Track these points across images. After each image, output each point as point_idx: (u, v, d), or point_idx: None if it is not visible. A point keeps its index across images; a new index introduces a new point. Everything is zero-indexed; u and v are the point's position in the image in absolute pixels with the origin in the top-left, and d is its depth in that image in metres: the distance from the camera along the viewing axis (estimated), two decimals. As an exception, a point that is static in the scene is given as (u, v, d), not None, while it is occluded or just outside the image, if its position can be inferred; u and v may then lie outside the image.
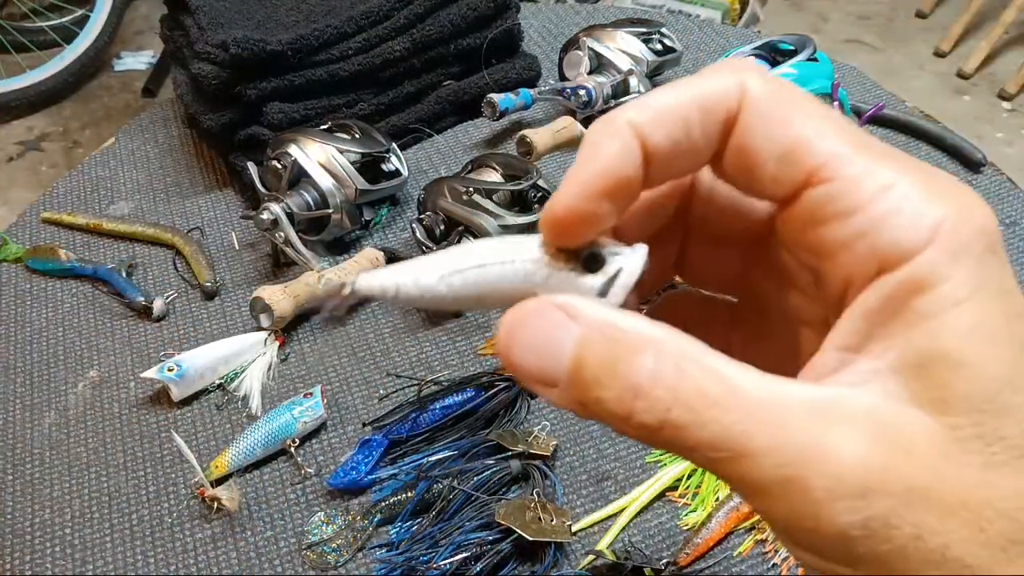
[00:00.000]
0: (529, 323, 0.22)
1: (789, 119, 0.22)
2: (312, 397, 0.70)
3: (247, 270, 0.86)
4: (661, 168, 0.23)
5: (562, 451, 0.68)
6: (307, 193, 0.82)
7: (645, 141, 0.22)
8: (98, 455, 0.71)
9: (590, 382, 0.20)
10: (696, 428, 0.19)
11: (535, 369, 0.21)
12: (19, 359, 0.80)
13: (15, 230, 0.93)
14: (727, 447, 0.19)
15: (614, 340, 0.20)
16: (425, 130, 0.98)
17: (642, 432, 0.20)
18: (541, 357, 0.21)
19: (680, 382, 0.20)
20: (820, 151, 0.21)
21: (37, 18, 2.56)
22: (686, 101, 0.22)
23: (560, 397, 0.21)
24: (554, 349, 0.21)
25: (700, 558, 0.61)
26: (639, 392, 0.20)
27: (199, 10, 0.94)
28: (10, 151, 2.33)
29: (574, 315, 0.21)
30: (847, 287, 0.21)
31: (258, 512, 0.66)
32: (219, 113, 0.91)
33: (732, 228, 0.26)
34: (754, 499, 0.20)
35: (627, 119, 0.22)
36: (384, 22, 0.93)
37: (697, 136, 0.22)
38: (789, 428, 0.19)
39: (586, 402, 0.21)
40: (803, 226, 0.22)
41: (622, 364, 0.20)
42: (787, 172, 0.21)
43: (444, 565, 0.59)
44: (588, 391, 0.21)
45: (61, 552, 0.65)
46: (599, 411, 0.21)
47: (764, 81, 0.22)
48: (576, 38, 0.99)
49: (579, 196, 0.22)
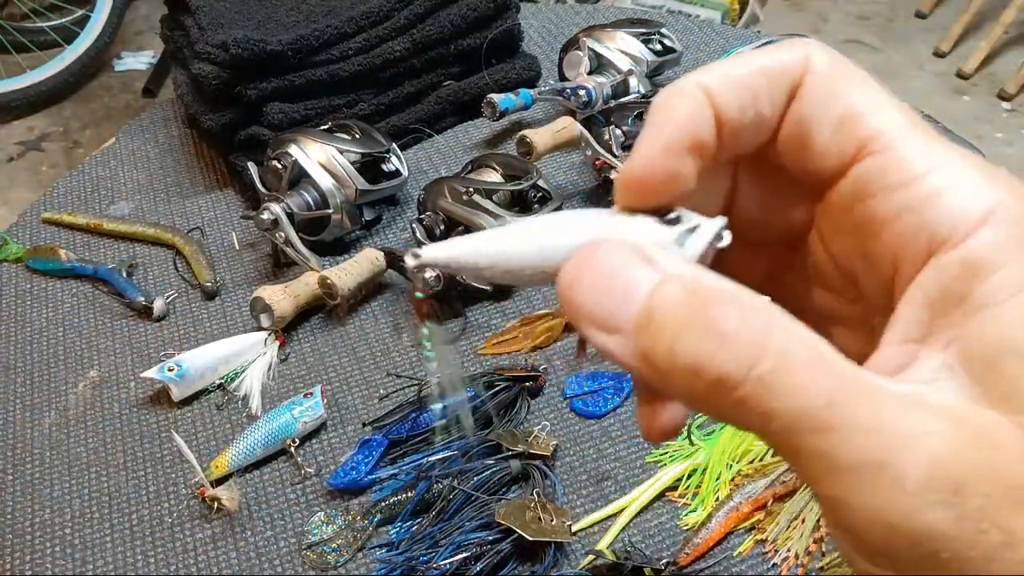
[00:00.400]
0: (599, 262, 0.20)
1: (847, 91, 0.21)
2: (312, 397, 0.70)
3: (247, 270, 0.86)
4: (730, 137, 0.22)
5: (562, 451, 0.68)
6: (307, 193, 0.82)
7: (716, 105, 0.22)
8: (98, 455, 0.71)
9: (663, 330, 0.19)
10: (782, 391, 0.18)
11: (599, 312, 0.20)
12: (19, 359, 0.80)
13: (15, 230, 0.94)
14: (815, 417, 0.17)
15: (694, 290, 0.19)
16: (425, 130, 0.98)
17: (716, 391, 0.18)
18: (608, 299, 0.19)
19: (769, 339, 0.18)
20: (874, 123, 0.21)
21: (37, 18, 2.57)
22: (754, 69, 0.22)
23: (621, 347, 0.19)
24: (624, 291, 0.19)
25: (700, 558, 0.61)
26: (724, 340, 0.18)
27: (199, 10, 0.94)
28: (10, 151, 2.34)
29: (650, 259, 0.20)
30: (895, 271, 0.20)
31: (258, 512, 0.66)
32: (219, 113, 0.91)
33: (766, 230, 0.26)
34: (831, 480, 0.18)
35: (697, 81, 0.22)
36: (384, 22, 0.93)
37: (763, 104, 0.22)
38: (881, 410, 0.18)
39: (653, 353, 0.19)
40: (850, 202, 0.21)
41: (705, 313, 0.18)
42: (840, 142, 0.21)
43: (444, 565, 0.59)
44: (659, 339, 0.19)
45: (61, 552, 0.65)
46: (665, 364, 0.19)
47: (827, 55, 0.22)
48: (576, 38, 0.99)
49: (659, 152, 0.21)
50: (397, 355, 0.77)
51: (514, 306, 0.80)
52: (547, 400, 0.72)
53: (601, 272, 0.20)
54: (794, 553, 0.61)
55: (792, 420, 0.18)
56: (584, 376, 0.73)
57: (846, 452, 0.17)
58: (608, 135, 0.85)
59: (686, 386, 0.19)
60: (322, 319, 0.81)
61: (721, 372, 0.18)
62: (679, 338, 0.18)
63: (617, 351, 0.20)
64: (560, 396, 0.72)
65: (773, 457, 0.66)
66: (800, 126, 0.22)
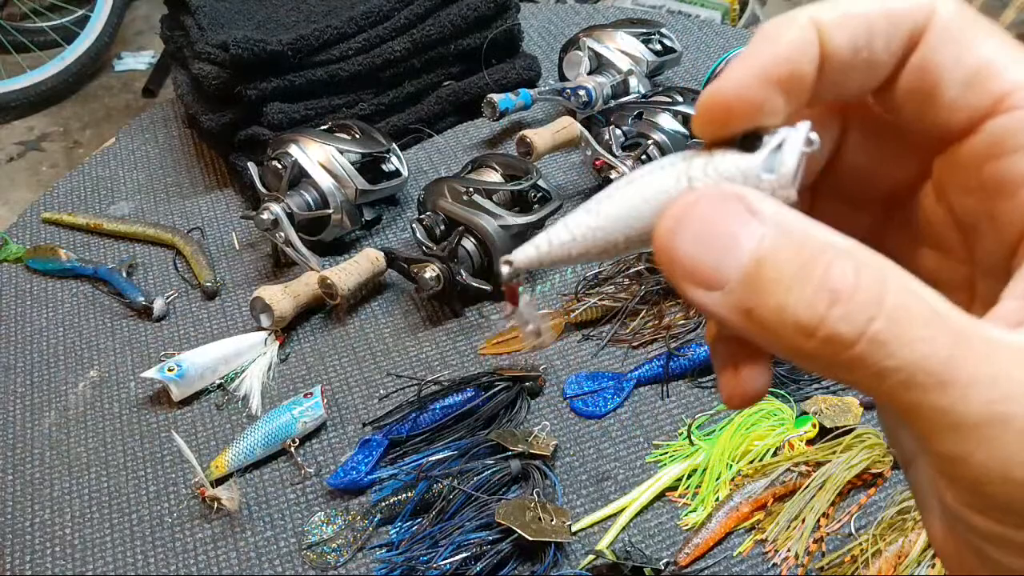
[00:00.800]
0: (700, 212, 0.19)
1: (979, 42, 0.20)
2: (312, 397, 0.70)
3: (247, 270, 0.86)
4: (835, 77, 0.21)
5: (562, 451, 0.68)
6: (307, 193, 0.82)
7: (825, 40, 0.20)
8: (98, 455, 0.71)
9: (771, 284, 0.18)
10: (899, 348, 0.17)
11: (700, 265, 0.18)
12: (19, 359, 0.80)
13: (15, 230, 0.94)
14: (933, 373, 0.17)
15: (804, 244, 0.18)
16: (425, 130, 0.98)
17: (827, 348, 0.17)
18: (710, 253, 0.18)
19: (885, 295, 0.17)
20: (1011, 78, 0.19)
21: (37, 18, 2.57)
22: (876, 8, 0.20)
23: (722, 302, 0.18)
24: (727, 245, 0.18)
25: (700, 558, 0.61)
26: (838, 297, 0.17)
27: (199, 10, 0.94)
28: (10, 151, 2.34)
29: (754, 209, 0.18)
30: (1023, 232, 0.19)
31: (258, 512, 0.66)
32: (219, 113, 0.91)
33: (873, 185, 0.24)
34: (950, 437, 0.17)
35: (809, 15, 0.20)
36: (384, 22, 0.93)
37: (879, 47, 0.20)
38: (1003, 363, 0.17)
39: (758, 308, 0.18)
40: (981, 160, 0.20)
41: (817, 268, 0.17)
42: (971, 97, 0.20)
43: (444, 565, 0.59)
44: (765, 295, 0.18)
45: (61, 552, 0.65)
46: (773, 321, 0.18)
47: (955, 2, 0.20)
48: (576, 38, 0.99)
49: (751, 79, 0.20)
50: (397, 355, 0.77)
51: (514, 306, 0.80)
52: (547, 400, 0.72)
53: (701, 225, 0.19)
54: (794, 553, 0.61)
55: (908, 377, 0.17)
56: (584, 376, 0.73)
57: (967, 407, 0.17)
58: (608, 135, 0.85)
59: (794, 344, 0.18)
60: (322, 319, 0.81)
61: (834, 331, 0.17)
62: (789, 294, 0.17)
63: (717, 307, 0.18)
64: (560, 396, 0.72)
65: (773, 457, 0.66)
66: (925, 76, 0.20)
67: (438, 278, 0.75)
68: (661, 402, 0.72)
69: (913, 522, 0.61)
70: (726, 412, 0.70)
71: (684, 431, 0.68)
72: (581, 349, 0.76)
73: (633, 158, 0.83)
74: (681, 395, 0.72)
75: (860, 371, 0.17)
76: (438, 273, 0.75)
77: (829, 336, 0.17)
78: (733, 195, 0.19)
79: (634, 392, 0.72)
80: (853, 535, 0.62)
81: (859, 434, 0.65)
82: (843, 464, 0.64)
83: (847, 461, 0.64)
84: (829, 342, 0.17)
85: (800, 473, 0.64)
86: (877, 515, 0.62)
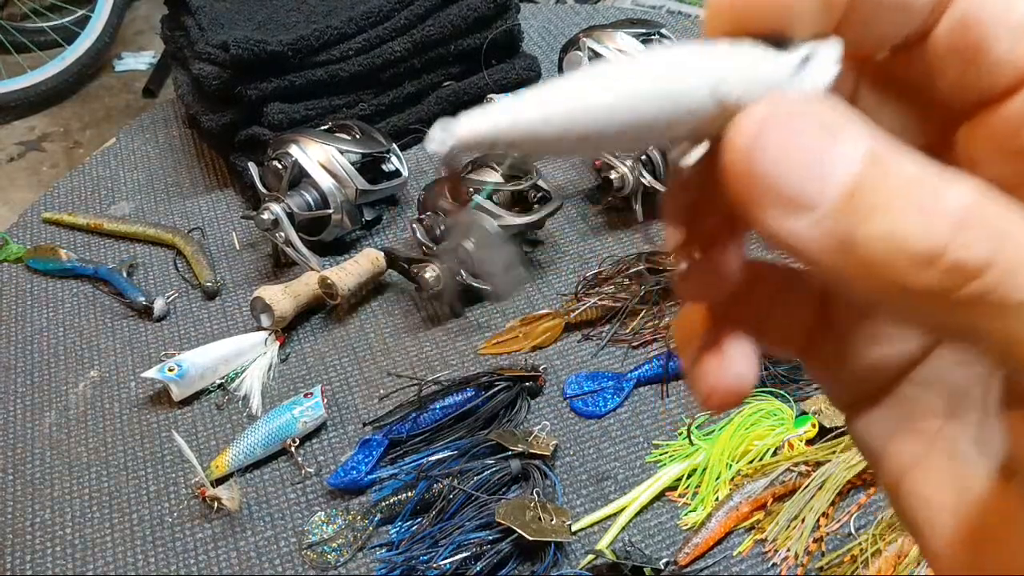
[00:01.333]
0: (792, 122, 0.16)
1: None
2: (312, 397, 0.70)
3: (248, 270, 0.86)
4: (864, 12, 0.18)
5: (562, 451, 0.69)
6: (308, 193, 0.82)
7: None
8: (98, 455, 0.71)
9: (876, 208, 0.15)
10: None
11: (789, 182, 0.16)
12: (20, 359, 0.80)
13: (16, 230, 0.94)
14: None
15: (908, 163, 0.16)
16: (425, 131, 0.98)
17: (948, 280, 0.15)
18: (799, 169, 0.16)
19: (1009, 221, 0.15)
20: None
21: (38, 18, 2.57)
22: None
23: (811, 229, 0.16)
24: (820, 161, 0.16)
25: (700, 558, 0.61)
26: (963, 221, 0.15)
27: (200, 11, 0.94)
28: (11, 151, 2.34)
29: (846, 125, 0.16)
30: None
31: (258, 512, 0.66)
32: (220, 113, 0.91)
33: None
34: None
35: None
36: (384, 23, 0.93)
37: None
38: None
39: (860, 237, 0.15)
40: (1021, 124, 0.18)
41: (931, 189, 0.15)
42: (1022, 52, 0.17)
43: (444, 565, 0.60)
44: (869, 220, 0.15)
45: (61, 552, 0.65)
46: (878, 250, 0.15)
47: None
48: (576, 39, 0.99)
49: None
50: (397, 355, 0.77)
51: (514, 306, 0.80)
52: (547, 400, 0.72)
53: (788, 139, 0.16)
54: (794, 553, 0.61)
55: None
56: (584, 376, 0.73)
57: None
58: (608, 135, 0.85)
59: (905, 278, 0.15)
60: (322, 319, 0.81)
61: (959, 257, 0.15)
62: (901, 219, 0.15)
63: (804, 236, 0.16)
64: (560, 396, 0.72)
65: (773, 457, 0.66)
66: (968, 28, 0.18)
67: (438, 278, 0.75)
68: (661, 402, 0.72)
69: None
70: (726, 412, 0.70)
71: (684, 431, 0.68)
72: (581, 349, 0.76)
73: (633, 158, 0.83)
74: (681, 395, 0.72)
75: (979, 309, 0.15)
76: (438, 273, 0.75)
77: (954, 264, 0.15)
78: (817, 106, 0.16)
79: (634, 392, 0.72)
80: (853, 535, 0.62)
81: (859, 434, 0.65)
82: (843, 464, 0.64)
83: (847, 461, 0.64)
84: (953, 272, 0.15)
85: (800, 473, 0.64)
86: (877, 515, 0.62)
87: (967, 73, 0.18)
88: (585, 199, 0.91)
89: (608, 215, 0.88)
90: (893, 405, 0.21)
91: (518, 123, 0.17)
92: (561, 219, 0.87)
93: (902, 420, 0.21)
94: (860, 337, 0.22)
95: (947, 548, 0.19)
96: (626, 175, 0.82)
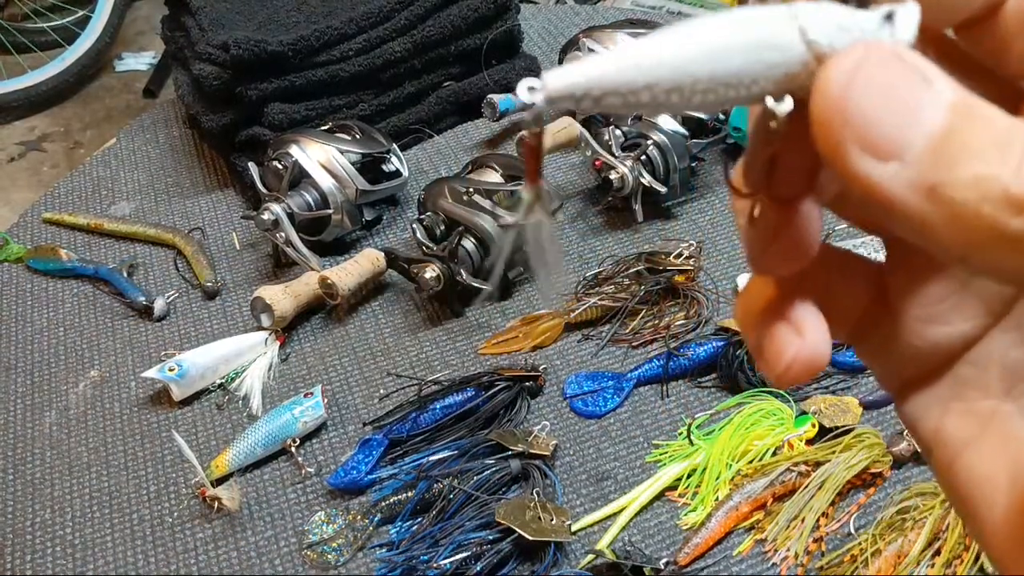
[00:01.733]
0: (877, 70, 0.16)
1: None
2: (312, 397, 0.70)
3: (248, 270, 0.87)
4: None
5: (562, 451, 0.69)
6: (308, 193, 0.82)
7: None
8: (99, 455, 0.71)
9: (966, 153, 0.15)
10: None
11: (881, 128, 0.16)
12: (20, 359, 0.80)
13: (16, 230, 0.94)
14: None
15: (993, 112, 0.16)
16: (425, 131, 0.98)
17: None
18: (889, 114, 0.16)
19: None
20: None
21: (38, 19, 2.57)
22: None
23: (899, 176, 0.16)
24: (910, 107, 0.16)
25: (700, 558, 0.61)
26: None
27: (200, 11, 0.94)
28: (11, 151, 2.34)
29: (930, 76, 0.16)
30: None
31: (258, 512, 0.66)
32: (220, 114, 0.91)
33: None
34: None
35: None
36: (385, 23, 0.93)
37: None
38: None
39: (949, 182, 0.15)
40: None
41: (1020, 136, 0.15)
42: None
43: (444, 565, 0.60)
44: (958, 165, 0.15)
45: (61, 552, 0.65)
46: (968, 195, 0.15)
47: None
48: (576, 39, 0.99)
49: None
50: (397, 355, 0.77)
51: (514, 306, 0.80)
52: (547, 400, 0.72)
53: (879, 83, 0.16)
54: (793, 553, 0.61)
55: None
56: (584, 376, 0.73)
57: None
58: (607, 135, 0.85)
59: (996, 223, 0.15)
60: (322, 319, 0.81)
61: None
62: (992, 163, 0.15)
63: (891, 183, 0.16)
64: (560, 396, 0.72)
65: (773, 457, 0.66)
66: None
67: (438, 278, 0.75)
68: (661, 402, 0.72)
69: (913, 522, 0.61)
70: (726, 412, 0.70)
71: (684, 431, 0.68)
72: (581, 349, 0.76)
73: (633, 158, 0.83)
74: (681, 395, 0.72)
75: None
76: (438, 273, 0.75)
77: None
78: (908, 56, 0.16)
79: (634, 392, 0.72)
80: (852, 535, 0.62)
81: (859, 434, 0.65)
82: (843, 464, 0.64)
83: (846, 461, 0.64)
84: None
85: (800, 473, 0.64)
86: (876, 515, 0.62)
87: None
88: (585, 199, 0.91)
89: (608, 215, 0.88)
90: (947, 385, 0.21)
91: (610, 74, 0.17)
92: (561, 219, 0.88)
93: (956, 400, 0.21)
94: (916, 318, 0.22)
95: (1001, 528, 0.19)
96: (626, 175, 0.82)
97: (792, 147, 0.19)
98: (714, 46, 0.17)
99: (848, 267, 0.23)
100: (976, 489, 0.20)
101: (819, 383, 0.71)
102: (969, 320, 0.21)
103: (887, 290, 0.22)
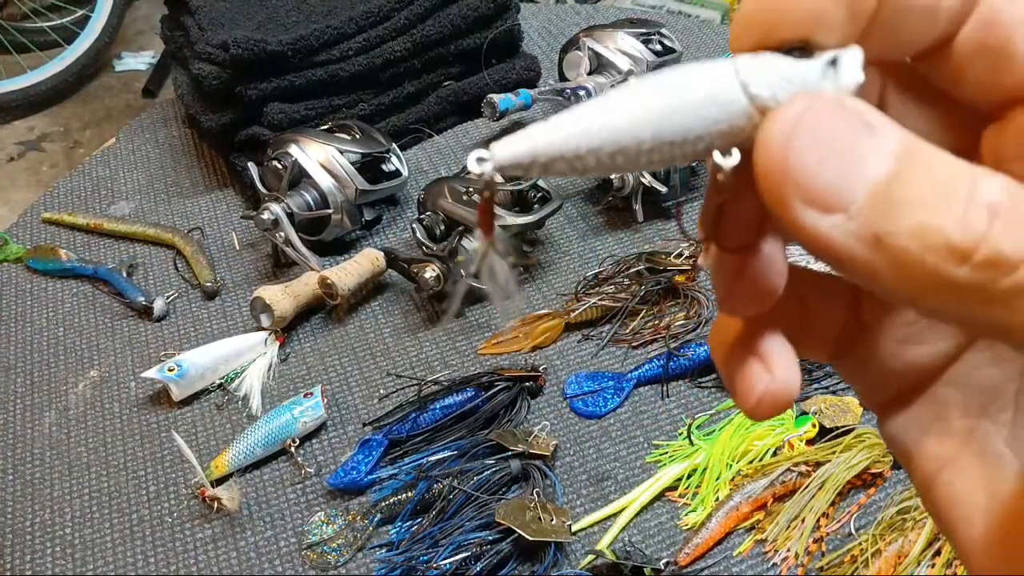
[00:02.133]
0: (817, 122, 0.16)
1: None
2: (312, 397, 0.70)
3: (247, 270, 0.86)
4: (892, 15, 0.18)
5: (562, 451, 0.69)
6: (307, 193, 0.82)
7: None
8: (98, 455, 0.71)
9: (909, 203, 0.15)
10: None
11: (818, 183, 0.16)
12: (19, 359, 0.80)
13: (16, 230, 0.94)
14: None
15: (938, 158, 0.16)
16: (425, 130, 0.98)
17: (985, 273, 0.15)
18: (830, 167, 0.16)
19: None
20: None
21: (38, 18, 2.56)
22: None
23: (840, 227, 0.16)
24: (851, 158, 0.16)
25: (700, 558, 0.61)
26: (999, 215, 0.15)
27: (199, 10, 0.94)
28: (11, 151, 2.34)
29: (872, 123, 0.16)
30: None
31: (258, 512, 0.66)
32: (219, 113, 0.91)
33: None
34: None
35: None
36: (384, 22, 0.93)
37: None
38: None
39: (892, 233, 0.15)
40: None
41: (962, 183, 0.15)
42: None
43: (444, 565, 0.60)
44: (902, 215, 0.15)
45: (61, 552, 0.65)
46: (911, 245, 0.15)
47: None
48: (576, 38, 0.99)
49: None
50: (397, 355, 0.77)
51: (514, 306, 0.80)
52: (547, 400, 0.72)
53: (819, 136, 0.16)
54: (794, 553, 0.61)
55: None
56: (584, 376, 0.73)
57: None
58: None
59: (939, 274, 0.15)
60: (322, 319, 0.81)
61: (997, 250, 0.15)
62: (935, 212, 0.15)
63: (837, 235, 0.16)
64: (560, 396, 0.72)
65: (773, 457, 0.66)
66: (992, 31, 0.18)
67: (438, 278, 0.75)
68: (661, 402, 0.72)
69: (913, 522, 0.61)
70: (726, 412, 0.70)
71: (684, 431, 0.68)
72: (581, 349, 0.76)
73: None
74: (681, 395, 0.72)
75: (1018, 302, 0.15)
76: (438, 273, 0.75)
77: (991, 257, 0.15)
78: (850, 105, 0.16)
79: (634, 392, 0.72)
80: (853, 535, 0.62)
81: (859, 434, 0.65)
82: (843, 464, 0.64)
83: (847, 461, 0.64)
84: (989, 265, 0.15)
85: (800, 473, 0.64)
86: (877, 515, 0.62)
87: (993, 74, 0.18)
88: (585, 199, 0.90)
89: (608, 215, 0.88)
90: (925, 405, 0.22)
91: (555, 142, 0.17)
92: (561, 219, 0.87)
93: (934, 420, 0.21)
94: (893, 338, 0.22)
95: (980, 547, 0.19)
96: (626, 175, 0.82)
97: (743, 197, 0.19)
98: (656, 108, 0.17)
99: (823, 287, 0.23)
100: (955, 508, 0.20)
101: (819, 383, 0.71)
102: (944, 340, 0.21)
103: (862, 311, 0.22)
